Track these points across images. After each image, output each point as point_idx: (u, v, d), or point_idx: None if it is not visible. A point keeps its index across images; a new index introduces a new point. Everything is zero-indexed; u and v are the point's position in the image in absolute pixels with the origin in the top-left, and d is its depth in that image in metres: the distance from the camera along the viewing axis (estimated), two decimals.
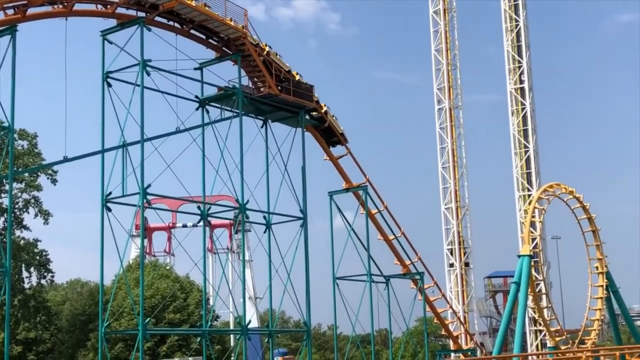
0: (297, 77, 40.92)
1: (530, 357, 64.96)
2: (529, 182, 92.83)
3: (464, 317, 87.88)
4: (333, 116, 46.60)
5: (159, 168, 35.77)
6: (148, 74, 34.38)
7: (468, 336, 74.03)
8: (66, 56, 34.47)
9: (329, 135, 46.78)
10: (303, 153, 41.62)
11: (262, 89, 39.50)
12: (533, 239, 67.37)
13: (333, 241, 49.53)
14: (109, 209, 34.06)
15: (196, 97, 39.30)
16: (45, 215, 57.57)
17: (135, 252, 77.54)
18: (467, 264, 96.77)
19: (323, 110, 45.40)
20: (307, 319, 40.31)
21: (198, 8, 36.43)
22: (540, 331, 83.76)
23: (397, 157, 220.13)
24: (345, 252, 48.94)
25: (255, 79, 39.92)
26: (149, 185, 33.27)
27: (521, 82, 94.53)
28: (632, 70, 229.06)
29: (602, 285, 68.41)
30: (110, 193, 34.14)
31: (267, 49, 39.69)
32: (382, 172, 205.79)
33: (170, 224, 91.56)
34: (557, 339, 67.70)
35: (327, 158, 47.28)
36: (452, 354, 65.29)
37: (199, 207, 37.54)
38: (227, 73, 39.72)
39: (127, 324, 56.25)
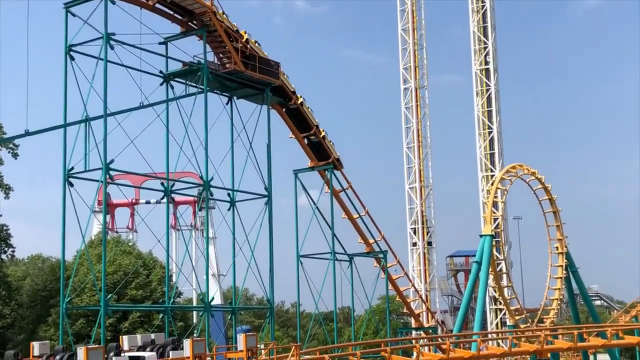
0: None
1: (490, 335, 65.73)
2: (492, 162, 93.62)
3: (426, 296, 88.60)
4: (330, 141, 47.08)
5: (122, 143, 35.34)
6: (112, 47, 33.87)
7: (429, 314, 74.78)
8: (28, 28, 33.87)
9: (323, 157, 47.65)
10: (268, 131, 41.41)
11: (227, 65, 39.07)
12: (495, 219, 68.09)
13: (297, 219, 49.57)
14: (71, 184, 33.65)
15: (160, 72, 38.84)
16: (6, 189, 56.71)
17: (97, 228, 76.76)
18: (429, 243, 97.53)
19: (321, 135, 45.86)
20: (271, 296, 40.32)
21: None
22: (501, 310, 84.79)
23: (363, 136, 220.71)
24: (309, 231, 49.11)
25: (221, 55, 39.47)
26: (112, 161, 32.89)
27: (486, 63, 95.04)
28: (597, 54, 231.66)
29: (561, 265, 69.39)
30: (72, 168, 33.72)
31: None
32: (348, 151, 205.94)
33: (133, 200, 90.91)
34: (517, 317, 68.63)
35: (293, 136, 47.13)
36: (414, 332, 65.82)
37: (162, 184, 37.22)
38: (192, 48, 39.30)
39: (88, 300, 55.86)
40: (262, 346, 31.12)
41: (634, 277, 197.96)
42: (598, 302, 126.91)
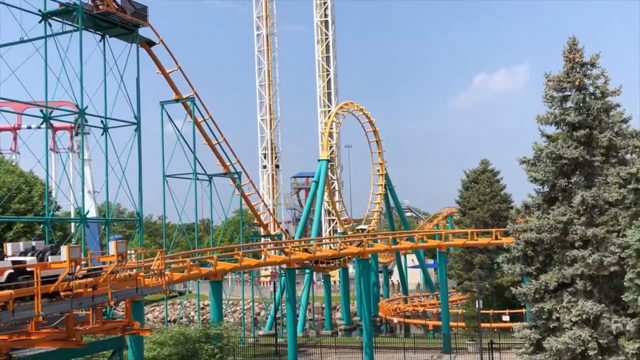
0: None
1: (324, 240, 67.81)
2: (329, 100, 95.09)
3: (273, 209, 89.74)
4: None
5: (4, 74, 33.23)
6: None
7: (276, 224, 76.02)
8: None
9: None
10: (137, 66, 39.99)
11: (100, 7, 37.13)
12: (330, 147, 69.40)
13: (164, 144, 49.03)
14: None
15: (39, 11, 36.35)
16: None
17: None
18: (277, 166, 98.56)
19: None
20: (140, 210, 39.61)
21: None
22: (333, 220, 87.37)
23: (221, 74, 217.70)
24: (174, 154, 48.63)
25: None
26: None
27: (325, 16, 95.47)
28: (418, 12, 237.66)
29: (381, 184, 72.12)
30: None
31: None
32: (208, 86, 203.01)
33: (16, 125, 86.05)
34: (346, 226, 71.06)
35: (159, 72, 45.87)
36: (263, 239, 66.86)
37: (42, 111, 35.54)
38: None
39: None
40: (132, 251, 30.68)
41: (436, 194, 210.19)
42: (409, 214, 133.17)
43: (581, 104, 29.99)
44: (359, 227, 70.97)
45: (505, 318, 50.29)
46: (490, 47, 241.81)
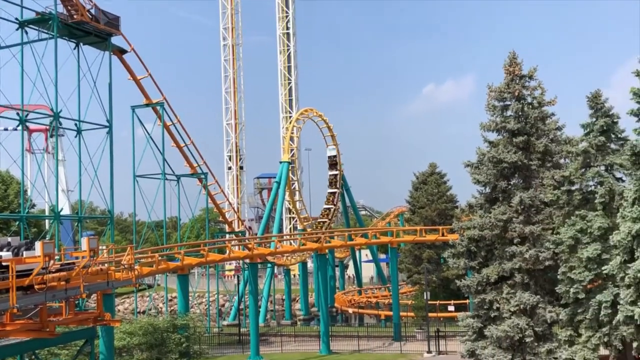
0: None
1: (285, 237, 67.67)
2: (291, 106, 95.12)
3: (237, 208, 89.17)
4: None
5: None
6: None
7: (240, 222, 75.47)
8: None
9: None
10: (110, 72, 39.23)
11: (75, 16, 36.36)
12: (291, 150, 69.28)
13: (134, 146, 48.31)
14: None
15: (16, 19, 35.45)
16: None
17: None
18: (241, 167, 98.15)
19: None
20: (111, 207, 38.91)
21: None
22: (293, 218, 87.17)
23: (189, 81, 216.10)
24: (144, 156, 48.00)
25: (69, 7, 36.59)
26: None
27: (287, 28, 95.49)
28: (374, 27, 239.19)
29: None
30: None
31: None
32: (177, 92, 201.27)
33: None
34: (305, 223, 71.01)
35: (131, 78, 45.18)
36: (227, 235, 66.38)
37: (18, 114, 34.65)
38: (45, 0, 36.14)
39: None
40: (104, 247, 30.12)
41: (388, 194, 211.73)
42: (363, 212, 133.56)
43: (520, 113, 30.52)
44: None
45: (451, 308, 50.85)
46: (439, 60, 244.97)
